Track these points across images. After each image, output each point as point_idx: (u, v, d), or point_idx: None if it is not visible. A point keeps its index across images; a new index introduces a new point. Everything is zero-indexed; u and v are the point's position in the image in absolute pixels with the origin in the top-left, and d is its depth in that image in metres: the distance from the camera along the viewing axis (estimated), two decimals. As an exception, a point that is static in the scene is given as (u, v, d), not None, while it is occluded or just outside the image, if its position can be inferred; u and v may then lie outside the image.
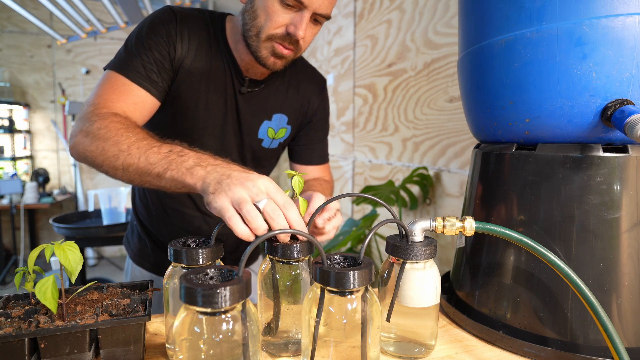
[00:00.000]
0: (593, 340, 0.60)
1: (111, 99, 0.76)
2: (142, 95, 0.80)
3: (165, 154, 0.63)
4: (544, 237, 0.63)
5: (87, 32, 2.84)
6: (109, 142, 0.67)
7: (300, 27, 0.77)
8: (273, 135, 0.99)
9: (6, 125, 4.19)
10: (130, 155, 0.65)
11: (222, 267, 0.47)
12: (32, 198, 4.02)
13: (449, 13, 1.51)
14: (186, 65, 0.85)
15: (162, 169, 0.62)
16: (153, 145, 0.65)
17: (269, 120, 0.97)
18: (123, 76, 0.79)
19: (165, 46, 0.82)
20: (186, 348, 0.42)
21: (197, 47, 0.86)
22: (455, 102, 1.50)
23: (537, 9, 0.60)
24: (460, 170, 1.49)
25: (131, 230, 1.12)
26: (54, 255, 0.52)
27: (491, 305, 0.69)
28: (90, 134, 0.69)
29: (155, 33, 0.82)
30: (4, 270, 3.98)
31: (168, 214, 1.00)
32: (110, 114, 0.72)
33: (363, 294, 0.49)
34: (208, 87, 0.88)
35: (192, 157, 0.62)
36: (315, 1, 0.76)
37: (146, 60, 0.80)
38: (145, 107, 0.81)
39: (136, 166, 0.64)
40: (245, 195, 0.55)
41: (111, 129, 0.68)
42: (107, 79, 0.79)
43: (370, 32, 2.15)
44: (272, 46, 0.81)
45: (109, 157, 0.66)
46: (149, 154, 0.64)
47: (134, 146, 0.65)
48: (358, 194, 0.65)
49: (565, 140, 0.63)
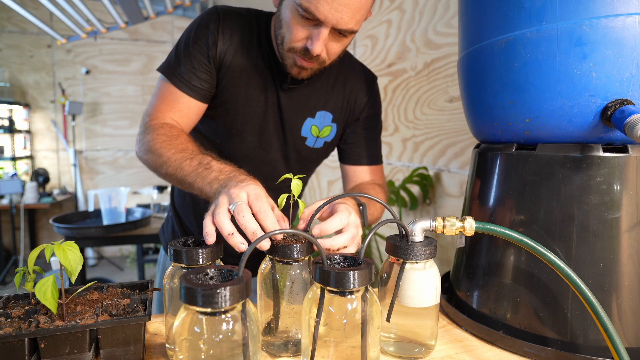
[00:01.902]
0: (593, 340, 0.60)
1: (161, 110, 0.87)
2: (187, 101, 0.88)
3: (195, 167, 0.72)
4: (544, 237, 0.63)
5: (87, 32, 2.84)
6: (154, 155, 0.79)
7: (317, 42, 0.75)
8: (317, 134, 0.98)
9: (6, 125, 4.19)
10: (169, 166, 0.75)
11: (222, 267, 0.48)
12: (32, 198, 4.02)
13: (449, 13, 1.51)
14: (227, 61, 0.88)
15: (192, 180, 0.71)
16: (187, 158, 0.74)
17: (312, 117, 0.96)
18: (171, 84, 0.87)
19: (207, 48, 0.86)
20: (186, 348, 0.42)
21: (239, 43, 0.88)
22: (455, 102, 1.50)
23: (537, 9, 0.60)
24: (460, 170, 1.49)
25: (167, 222, 1.16)
26: (54, 255, 0.52)
27: (491, 305, 0.69)
28: (144, 146, 0.81)
29: (200, 36, 0.87)
30: (4, 270, 3.98)
31: (201, 206, 1.01)
32: (159, 126, 0.83)
33: (363, 294, 0.49)
34: (248, 83, 0.90)
35: (214, 171, 0.70)
36: (332, 17, 0.72)
37: (190, 67, 0.86)
38: (192, 112, 0.89)
39: (175, 176, 0.75)
40: (222, 202, 0.60)
41: (157, 141, 0.79)
42: (159, 88, 0.89)
43: (370, 32, 2.15)
44: (294, 57, 0.82)
45: (157, 167, 0.79)
46: (183, 166, 0.73)
47: (172, 158, 0.75)
48: (358, 194, 0.65)
49: (565, 140, 0.63)
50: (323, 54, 0.79)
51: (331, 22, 0.73)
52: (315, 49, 0.76)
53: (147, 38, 4.80)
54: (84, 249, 2.91)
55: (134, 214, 2.64)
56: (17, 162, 4.35)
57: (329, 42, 0.78)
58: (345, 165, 1.06)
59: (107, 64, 4.70)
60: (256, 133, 0.94)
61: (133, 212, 2.67)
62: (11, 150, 4.28)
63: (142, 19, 2.74)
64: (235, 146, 0.95)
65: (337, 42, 0.80)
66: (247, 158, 0.96)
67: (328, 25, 0.73)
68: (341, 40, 0.80)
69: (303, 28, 0.76)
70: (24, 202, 3.99)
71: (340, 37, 0.78)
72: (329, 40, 0.78)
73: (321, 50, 0.77)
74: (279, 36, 0.82)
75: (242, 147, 0.95)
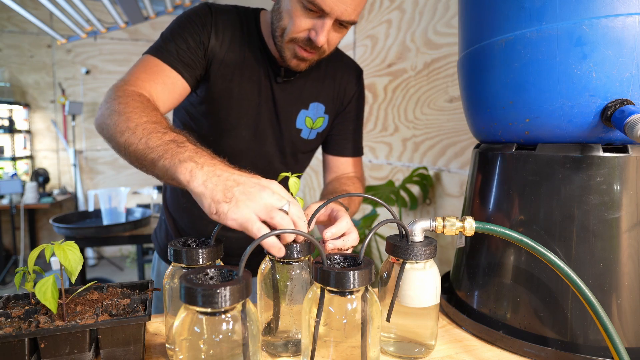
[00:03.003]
0: (593, 340, 0.60)
1: (141, 78, 0.77)
2: (173, 76, 0.81)
3: (165, 141, 0.60)
4: (544, 237, 0.63)
5: (87, 32, 2.84)
6: (122, 117, 0.65)
7: (322, 33, 0.77)
8: (311, 125, 0.99)
9: (6, 125, 4.19)
10: (134, 134, 0.62)
11: (222, 267, 0.47)
12: (32, 198, 4.02)
13: (449, 13, 1.51)
14: (219, 56, 0.87)
15: (157, 155, 0.59)
16: (158, 131, 0.62)
17: (306, 109, 0.97)
18: (156, 58, 0.81)
19: (200, 35, 0.84)
20: (186, 348, 0.42)
21: (231, 39, 0.89)
22: (455, 102, 1.50)
23: (537, 9, 0.60)
24: (460, 170, 1.49)
25: (159, 225, 1.14)
26: (54, 255, 0.52)
27: (491, 305, 0.69)
28: (110, 108, 0.68)
29: (191, 22, 0.85)
30: (4, 270, 3.98)
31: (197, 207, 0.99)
32: (135, 93, 0.73)
33: (363, 294, 0.49)
34: (241, 77, 0.90)
35: (189, 150, 0.59)
36: (337, 8, 0.74)
37: (180, 46, 0.82)
38: (175, 89, 0.82)
39: (135, 147, 0.62)
40: (272, 203, 0.54)
41: (129, 105, 0.68)
42: (141, 60, 0.82)
43: (370, 32, 2.15)
44: (294, 49, 0.82)
45: (117, 132, 0.65)
46: (151, 137, 0.61)
47: (141, 127, 0.63)
48: (358, 194, 0.65)
49: (565, 140, 0.63)
50: (325, 44, 0.80)
51: (336, 13, 0.75)
52: (319, 39, 0.77)
53: (147, 38, 4.79)
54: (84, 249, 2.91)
55: (134, 214, 2.64)
56: (17, 162, 4.35)
57: (331, 33, 0.80)
58: (329, 155, 1.07)
59: (107, 64, 4.69)
60: (251, 127, 0.94)
61: (133, 212, 2.67)
62: (11, 150, 4.28)
63: (142, 19, 2.74)
64: (230, 141, 0.94)
65: (337, 33, 0.82)
66: (242, 153, 0.95)
67: (332, 16, 0.75)
68: (342, 31, 0.82)
69: (307, 19, 0.77)
70: (24, 202, 3.99)
71: (341, 28, 0.81)
72: (331, 31, 0.80)
73: (325, 41, 0.78)
74: (278, 28, 0.82)
75: (237, 142, 0.94)
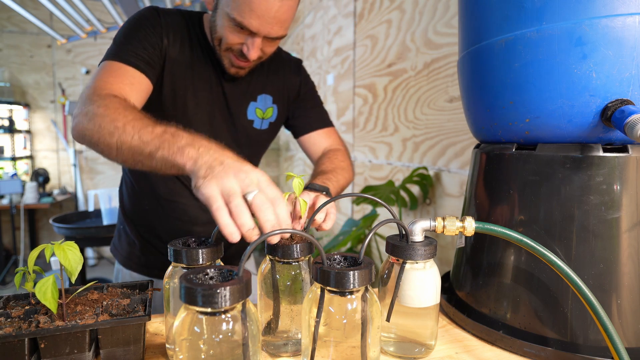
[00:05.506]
0: (593, 340, 0.60)
1: (109, 82, 0.77)
2: (137, 76, 0.82)
3: (158, 134, 0.62)
4: (544, 237, 0.63)
5: (87, 32, 2.84)
6: (105, 120, 0.66)
7: (252, 49, 0.83)
8: (262, 115, 1.04)
9: (6, 125, 4.18)
10: (125, 132, 0.63)
11: (222, 267, 0.47)
12: (32, 198, 4.01)
13: (449, 13, 1.51)
14: (172, 55, 0.90)
15: (154, 147, 0.61)
16: (148, 125, 0.64)
17: (255, 101, 1.02)
18: (117, 62, 0.81)
19: (153, 36, 0.86)
20: (186, 348, 0.42)
21: (180, 40, 0.92)
22: (455, 102, 1.50)
23: (537, 9, 0.60)
24: (460, 170, 1.49)
25: (118, 236, 1.12)
26: (54, 255, 0.52)
27: (491, 305, 0.69)
28: (90, 113, 0.68)
29: (142, 25, 0.86)
30: (4, 270, 3.98)
31: (162, 206, 1.00)
32: (110, 95, 0.73)
33: (363, 294, 0.49)
34: (193, 76, 0.93)
35: (185, 137, 0.61)
36: (264, 29, 0.80)
37: (137, 47, 0.84)
38: (142, 89, 0.83)
39: (129, 144, 0.63)
40: (236, 187, 0.54)
41: (109, 107, 0.68)
42: (102, 67, 0.81)
43: (370, 32, 2.15)
44: (231, 57, 0.88)
45: (105, 134, 0.65)
46: (143, 132, 0.63)
47: (129, 125, 0.64)
48: (358, 194, 0.65)
49: (565, 140, 0.63)
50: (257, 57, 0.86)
51: (263, 33, 0.81)
52: (251, 55, 0.84)
53: (147, 38, 4.79)
54: (84, 249, 2.91)
55: (134, 214, 2.63)
56: (17, 162, 4.34)
57: (264, 46, 0.86)
58: (302, 138, 1.10)
59: (107, 64, 4.68)
60: (206, 123, 0.97)
61: (133, 212, 2.66)
62: (11, 150, 4.28)
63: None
64: None
65: (271, 44, 0.87)
66: None
67: (260, 35, 0.82)
68: (275, 42, 0.88)
69: (237, 35, 0.83)
70: (24, 202, 3.99)
71: (274, 40, 0.86)
72: (264, 45, 0.86)
73: (257, 56, 0.85)
74: (215, 39, 0.87)
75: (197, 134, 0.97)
